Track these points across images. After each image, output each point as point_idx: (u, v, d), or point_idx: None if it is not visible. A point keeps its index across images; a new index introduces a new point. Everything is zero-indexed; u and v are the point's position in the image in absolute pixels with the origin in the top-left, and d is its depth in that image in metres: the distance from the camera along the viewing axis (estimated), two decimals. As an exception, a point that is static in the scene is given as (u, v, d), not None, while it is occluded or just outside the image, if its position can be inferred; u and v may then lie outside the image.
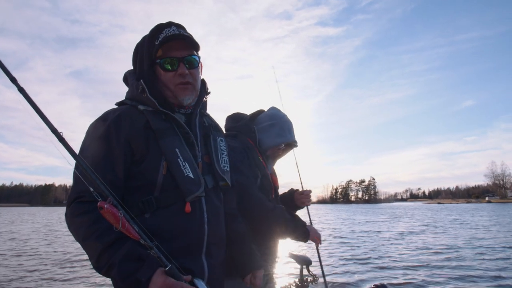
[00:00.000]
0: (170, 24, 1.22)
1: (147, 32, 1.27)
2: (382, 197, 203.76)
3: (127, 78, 1.30)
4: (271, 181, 1.92)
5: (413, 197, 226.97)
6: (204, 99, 1.34)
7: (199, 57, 1.25)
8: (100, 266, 1.02)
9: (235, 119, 2.00)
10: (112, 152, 1.11)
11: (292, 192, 2.18)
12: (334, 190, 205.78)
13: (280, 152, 2.05)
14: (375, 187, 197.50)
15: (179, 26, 1.24)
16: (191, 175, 1.15)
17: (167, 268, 0.96)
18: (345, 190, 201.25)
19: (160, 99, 1.20)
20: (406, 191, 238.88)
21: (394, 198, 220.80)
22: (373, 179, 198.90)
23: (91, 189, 0.92)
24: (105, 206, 0.89)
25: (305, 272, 2.18)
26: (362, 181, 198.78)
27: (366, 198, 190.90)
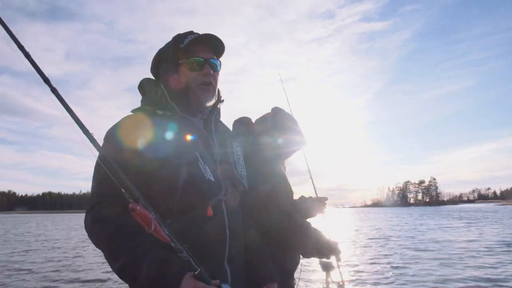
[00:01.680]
0: (192, 32, 1.24)
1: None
2: (445, 199, 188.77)
3: (144, 85, 1.28)
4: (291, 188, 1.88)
5: (482, 198, 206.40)
6: (218, 106, 1.33)
7: (220, 63, 1.26)
8: (125, 272, 0.98)
9: (244, 124, 1.88)
10: (131, 157, 1.07)
11: (304, 199, 1.93)
12: (391, 192, 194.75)
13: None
14: (436, 188, 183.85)
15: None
16: (212, 178, 1.13)
17: (196, 272, 0.93)
18: (403, 191, 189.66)
19: (180, 104, 1.20)
20: (473, 191, 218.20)
21: (459, 200, 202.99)
22: (434, 179, 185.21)
23: (123, 191, 0.90)
24: (138, 208, 0.87)
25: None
26: (422, 182, 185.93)
27: (427, 200, 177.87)
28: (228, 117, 1.77)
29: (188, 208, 1.08)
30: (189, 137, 1.15)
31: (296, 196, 1.95)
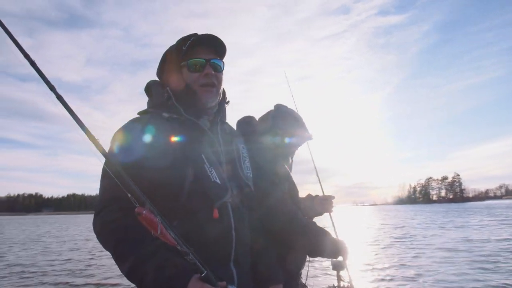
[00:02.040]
0: (196, 34, 1.22)
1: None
2: (470, 195, 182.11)
3: (150, 87, 1.29)
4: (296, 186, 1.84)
5: (510, 193, 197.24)
6: (224, 107, 1.33)
7: (223, 64, 1.26)
8: (133, 275, 0.99)
9: (248, 123, 1.82)
10: (137, 160, 1.07)
11: (310, 198, 1.93)
12: (412, 189, 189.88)
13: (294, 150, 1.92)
14: (460, 184, 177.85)
15: None
16: (217, 180, 1.14)
17: (203, 274, 0.94)
18: (425, 188, 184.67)
19: (186, 106, 1.20)
20: (500, 187, 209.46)
21: (485, 196, 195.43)
22: (458, 175, 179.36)
23: (129, 195, 0.91)
24: (143, 212, 0.88)
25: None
26: (445, 178, 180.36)
27: (451, 196, 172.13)
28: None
29: (194, 210, 1.08)
30: (194, 140, 1.15)
31: (302, 194, 1.90)
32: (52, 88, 0.97)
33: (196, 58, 1.19)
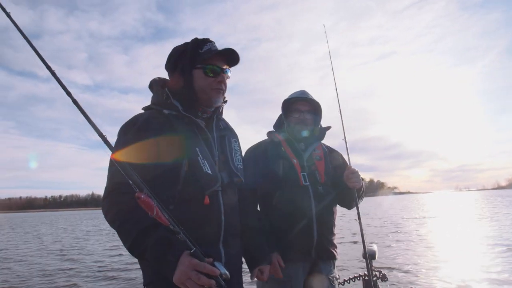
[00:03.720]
0: (209, 40, 1.39)
1: (280, 38, 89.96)
2: None
3: (153, 85, 1.44)
4: (297, 169, 1.92)
5: None
6: (221, 106, 1.49)
7: (230, 72, 1.46)
8: (135, 249, 1.14)
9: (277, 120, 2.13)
10: (142, 151, 1.23)
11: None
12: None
13: (306, 123, 1.99)
14: None
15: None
16: (209, 171, 1.29)
17: (192, 251, 1.09)
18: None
19: (183, 104, 1.35)
20: None
21: None
22: None
23: (130, 182, 1.04)
24: (142, 196, 1.02)
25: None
26: None
27: None
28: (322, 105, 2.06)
29: (188, 197, 1.24)
30: (190, 135, 1.31)
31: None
32: (68, 93, 1.13)
33: (214, 66, 1.34)
